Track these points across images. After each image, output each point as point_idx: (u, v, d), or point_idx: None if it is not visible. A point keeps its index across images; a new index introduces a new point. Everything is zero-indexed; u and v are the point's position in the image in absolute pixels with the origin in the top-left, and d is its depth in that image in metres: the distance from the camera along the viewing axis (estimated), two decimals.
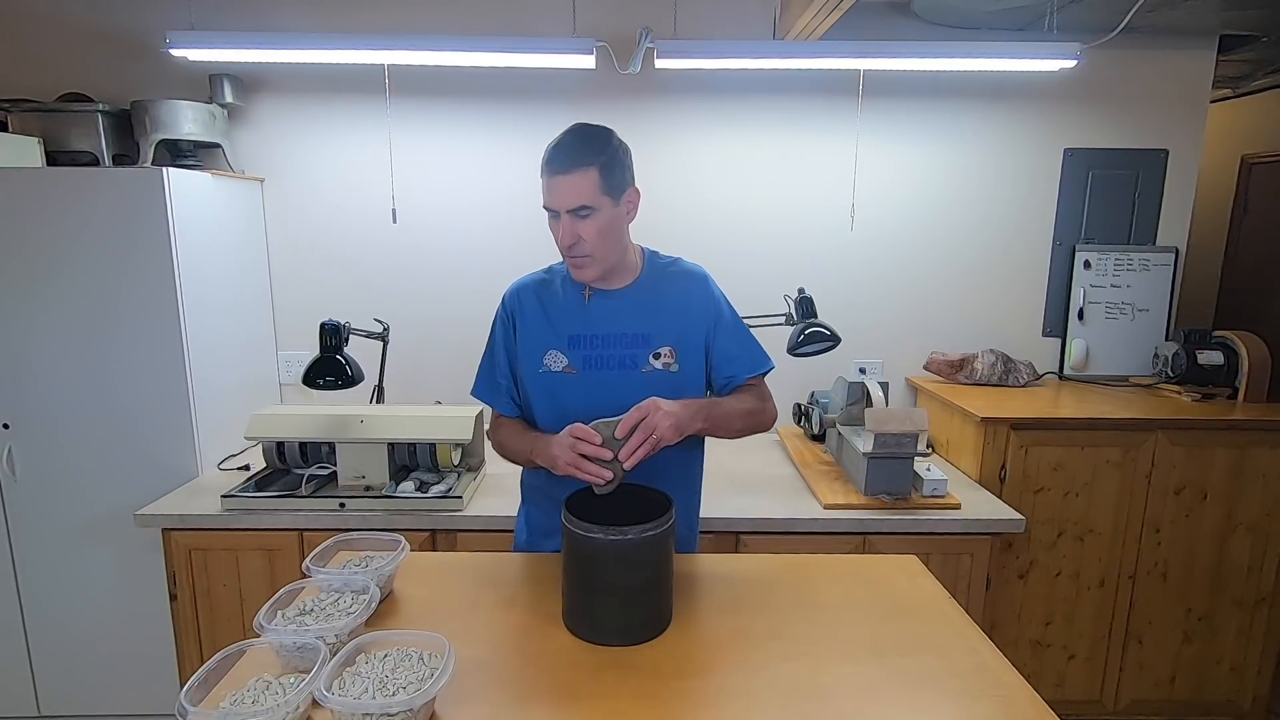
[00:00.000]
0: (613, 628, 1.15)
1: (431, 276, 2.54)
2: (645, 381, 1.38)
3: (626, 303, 1.40)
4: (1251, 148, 2.84)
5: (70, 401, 2.04)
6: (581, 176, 1.26)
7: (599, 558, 1.13)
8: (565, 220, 1.28)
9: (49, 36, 2.37)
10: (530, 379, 1.41)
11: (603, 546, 1.12)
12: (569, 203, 1.27)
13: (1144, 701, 2.29)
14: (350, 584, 1.18)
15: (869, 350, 2.61)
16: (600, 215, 1.29)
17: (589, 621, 1.16)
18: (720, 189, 2.51)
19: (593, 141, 1.29)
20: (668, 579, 1.19)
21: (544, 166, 1.29)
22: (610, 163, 1.28)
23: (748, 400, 1.45)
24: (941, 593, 1.32)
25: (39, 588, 2.14)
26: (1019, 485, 2.13)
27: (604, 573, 1.13)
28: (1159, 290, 2.56)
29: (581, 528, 1.13)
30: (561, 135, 1.30)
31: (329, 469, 2.01)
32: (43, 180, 1.97)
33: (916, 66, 2.21)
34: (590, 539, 1.12)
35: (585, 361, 1.38)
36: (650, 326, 1.39)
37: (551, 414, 1.41)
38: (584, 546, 1.13)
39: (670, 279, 1.44)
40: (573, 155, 1.26)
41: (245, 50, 2.01)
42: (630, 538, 1.12)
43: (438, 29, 2.37)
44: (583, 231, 1.29)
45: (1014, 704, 1.01)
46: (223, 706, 0.94)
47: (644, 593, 1.15)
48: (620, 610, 1.14)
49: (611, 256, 1.35)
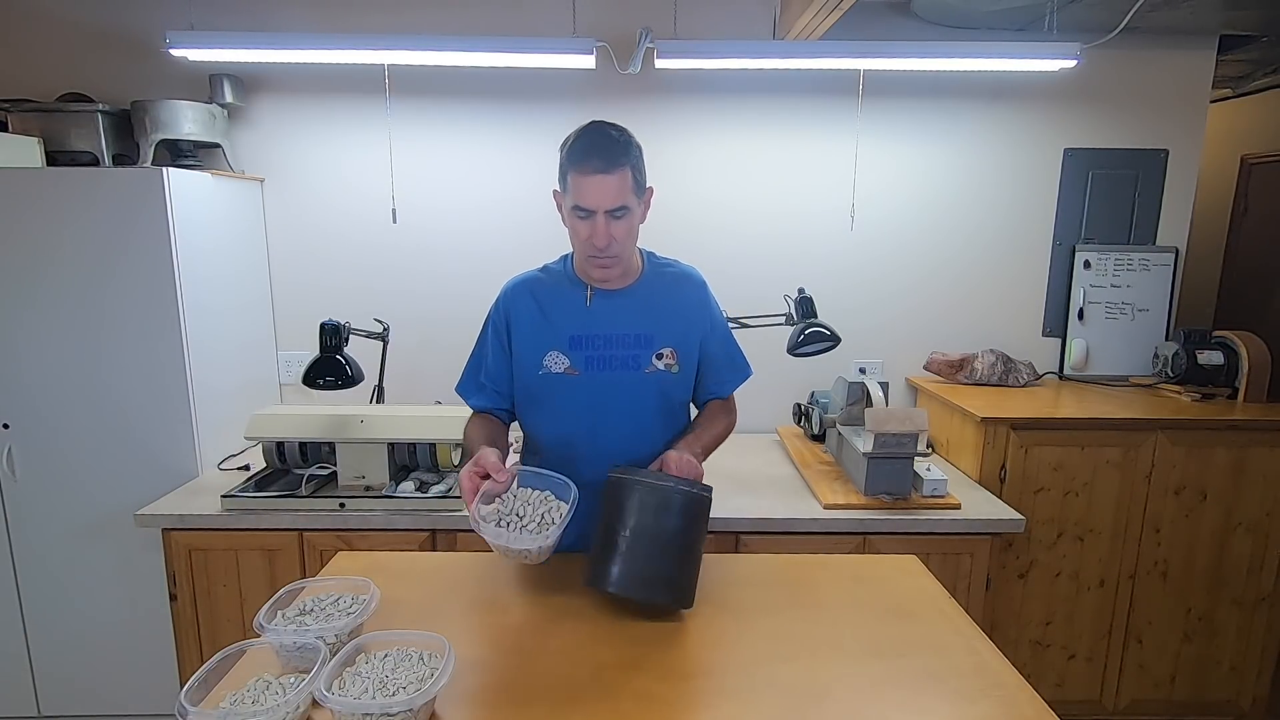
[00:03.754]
0: (637, 577, 1.17)
1: (432, 276, 2.54)
2: (647, 382, 1.38)
3: (629, 303, 1.39)
4: (1251, 148, 2.84)
5: (70, 401, 2.04)
6: (620, 176, 1.25)
7: (640, 504, 1.19)
8: (602, 221, 1.26)
9: (49, 36, 2.37)
10: (530, 380, 1.39)
11: (646, 491, 1.20)
12: (610, 203, 1.25)
13: (1144, 701, 2.29)
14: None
15: (869, 350, 2.62)
16: (632, 215, 1.29)
17: (615, 569, 1.18)
18: (720, 189, 2.51)
19: (623, 140, 1.27)
20: (698, 546, 1.24)
21: (576, 165, 1.25)
22: (638, 162, 1.29)
23: (720, 417, 1.49)
24: (941, 593, 1.32)
25: (39, 588, 2.14)
26: (1019, 485, 2.13)
27: (641, 518, 1.19)
28: (1159, 290, 2.56)
29: (628, 472, 1.22)
30: (588, 132, 1.27)
31: (329, 469, 2.01)
32: (43, 180, 1.97)
33: (916, 66, 2.21)
34: (634, 483, 1.20)
35: (587, 362, 1.37)
36: (653, 327, 1.38)
37: (553, 416, 1.40)
38: (626, 494, 1.20)
39: (669, 280, 1.44)
40: (611, 154, 1.24)
41: (245, 50, 2.01)
42: (671, 485, 1.21)
43: (438, 29, 2.37)
44: (616, 232, 1.28)
45: (1014, 704, 1.01)
46: (223, 706, 0.94)
47: (674, 546, 1.19)
48: (645, 559, 1.18)
49: (630, 257, 1.36)
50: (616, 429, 1.38)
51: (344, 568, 1.39)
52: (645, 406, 1.39)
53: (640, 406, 1.39)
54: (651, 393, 1.38)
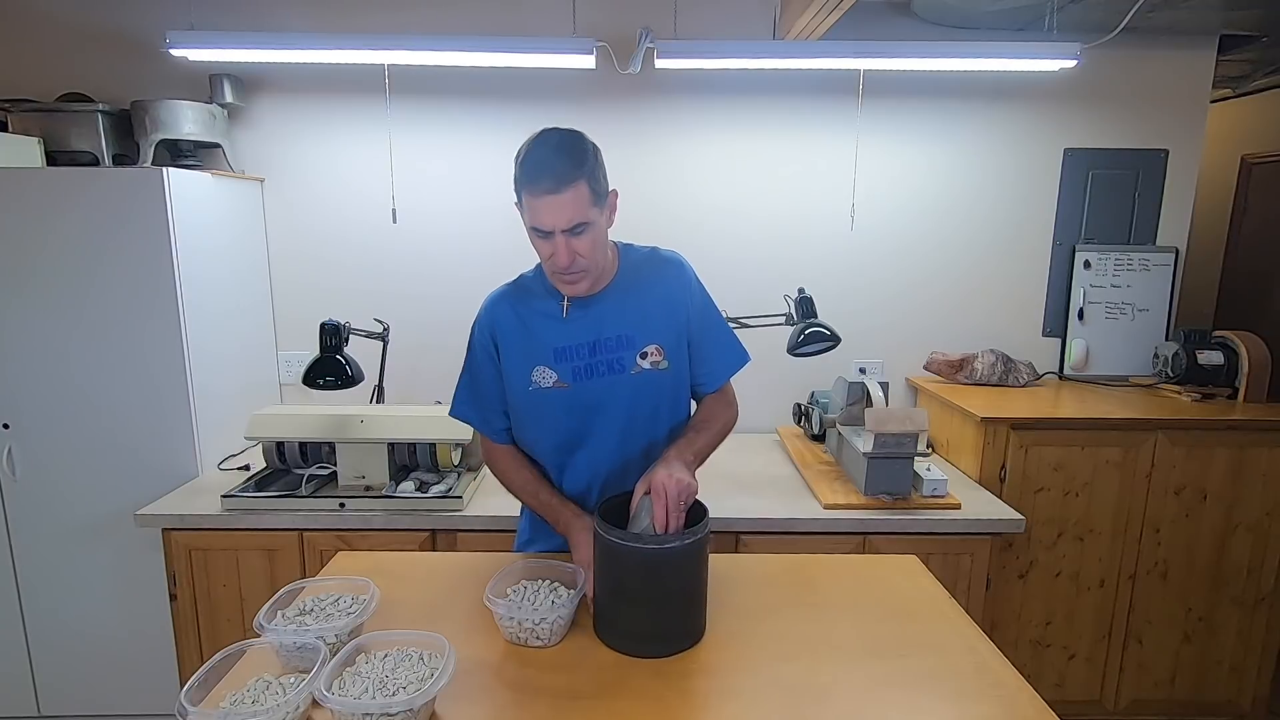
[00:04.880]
0: (645, 638, 1.12)
1: (432, 276, 2.54)
2: (637, 383, 1.34)
3: (605, 307, 1.34)
4: (1251, 148, 2.83)
5: (70, 401, 2.04)
6: (574, 192, 1.17)
7: (633, 567, 1.09)
8: (560, 240, 1.20)
9: (49, 36, 2.37)
10: (522, 398, 1.36)
11: (637, 555, 1.08)
12: (566, 222, 1.18)
13: (1144, 701, 2.29)
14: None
15: (869, 350, 2.61)
16: (594, 228, 1.22)
17: (620, 632, 1.13)
18: (720, 189, 2.51)
19: (575, 151, 1.20)
20: (701, 589, 1.16)
21: (526, 185, 1.19)
22: (594, 171, 1.21)
23: (716, 416, 1.42)
24: (941, 593, 1.32)
25: (39, 588, 2.14)
26: (1019, 485, 2.13)
27: (637, 582, 1.09)
28: (1159, 290, 2.56)
29: (615, 535, 1.09)
30: (535, 147, 1.20)
31: (329, 469, 2.01)
32: (43, 180, 1.97)
33: (916, 66, 2.21)
34: (625, 547, 1.08)
35: (575, 374, 1.33)
36: (632, 327, 1.34)
37: (548, 430, 1.38)
38: (618, 554, 1.10)
39: (646, 272, 1.37)
40: (561, 171, 1.17)
41: (245, 50, 2.01)
42: (667, 547, 1.08)
43: (438, 29, 2.37)
44: (579, 248, 1.22)
45: (1014, 704, 1.01)
46: (223, 706, 0.94)
47: (679, 602, 1.12)
48: (650, 621, 1.11)
49: (601, 265, 1.29)
50: (612, 434, 1.36)
51: (344, 568, 1.39)
52: (639, 408, 1.36)
53: (634, 409, 1.35)
54: (643, 393, 1.35)
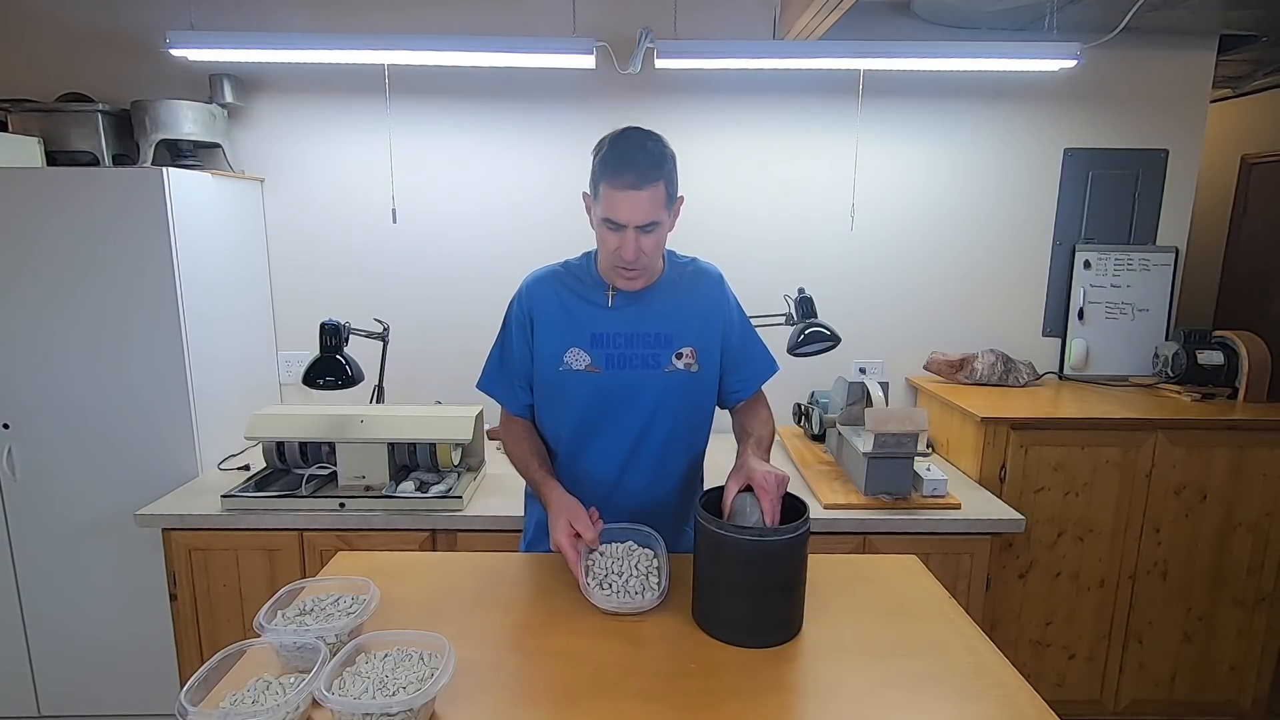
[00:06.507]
0: (743, 628, 1.16)
1: (432, 276, 2.54)
2: (667, 381, 1.38)
3: (650, 303, 1.39)
4: (1251, 148, 2.83)
5: (70, 401, 2.04)
6: (654, 191, 1.23)
7: (736, 558, 1.14)
8: (631, 235, 1.25)
9: (49, 36, 2.37)
10: (550, 376, 1.40)
11: (740, 546, 1.13)
12: (642, 219, 1.24)
13: (1144, 701, 2.29)
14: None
15: (869, 350, 2.61)
16: (661, 229, 1.28)
17: (720, 620, 1.17)
18: (720, 189, 2.51)
19: (658, 152, 1.24)
20: (801, 582, 1.20)
21: (609, 177, 1.23)
22: (671, 174, 1.27)
23: (765, 417, 1.47)
24: (941, 593, 1.32)
25: (39, 588, 2.14)
26: (1019, 485, 2.13)
27: (739, 572, 1.14)
28: (1159, 290, 2.56)
29: (718, 525, 1.15)
30: (620, 143, 1.25)
31: (329, 469, 2.01)
32: (43, 180, 1.97)
33: (916, 66, 2.21)
34: (728, 538, 1.14)
35: (609, 360, 1.37)
36: (673, 327, 1.39)
37: (572, 412, 1.41)
38: (721, 546, 1.15)
39: (689, 279, 1.44)
40: (645, 169, 1.22)
41: (245, 50, 2.01)
42: (769, 539, 1.13)
43: (438, 29, 2.37)
44: (645, 246, 1.26)
45: (1014, 704, 1.01)
46: (223, 706, 0.94)
47: (778, 594, 1.16)
48: (750, 611, 1.15)
49: (657, 265, 1.36)
50: (633, 426, 1.40)
51: (344, 568, 1.39)
52: (663, 405, 1.40)
53: (658, 405, 1.39)
54: (670, 392, 1.39)
